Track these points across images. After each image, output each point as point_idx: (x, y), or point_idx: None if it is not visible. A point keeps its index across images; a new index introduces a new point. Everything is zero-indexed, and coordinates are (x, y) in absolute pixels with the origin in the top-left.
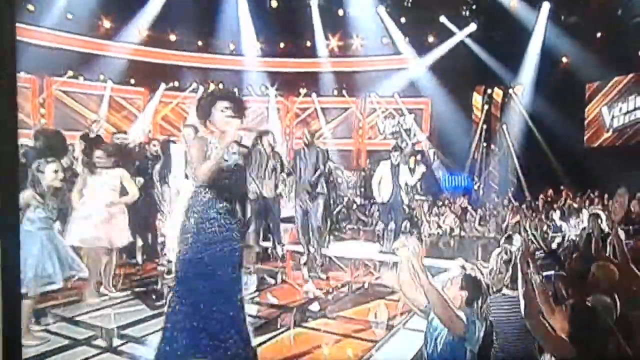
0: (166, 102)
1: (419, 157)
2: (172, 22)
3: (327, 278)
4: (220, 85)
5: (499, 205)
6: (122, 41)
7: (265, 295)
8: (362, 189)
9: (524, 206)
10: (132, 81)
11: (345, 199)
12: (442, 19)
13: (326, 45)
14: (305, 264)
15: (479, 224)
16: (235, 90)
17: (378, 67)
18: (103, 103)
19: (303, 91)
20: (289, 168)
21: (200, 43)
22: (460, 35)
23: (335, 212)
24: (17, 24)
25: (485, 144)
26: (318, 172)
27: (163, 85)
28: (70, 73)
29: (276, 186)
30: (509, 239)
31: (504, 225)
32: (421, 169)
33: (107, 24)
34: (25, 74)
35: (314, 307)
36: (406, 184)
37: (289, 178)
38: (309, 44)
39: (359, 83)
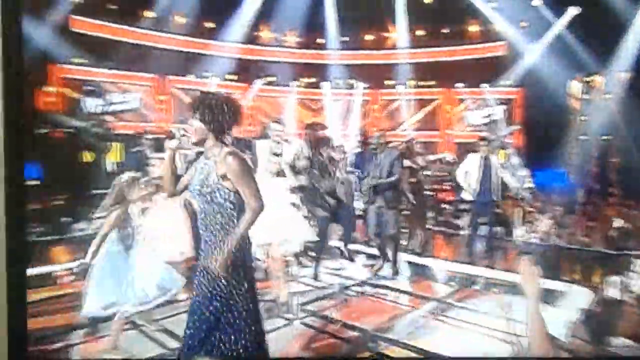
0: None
1: (509, 150)
2: (265, 19)
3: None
4: (312, 79)
5: (600, 210)
6: (222, 40)
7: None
8: (450, 184)
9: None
10: (235, 77)
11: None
12: (536, 2)
13: (412, 34)
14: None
15: (582, 235)
16: (324, 84)
17: (468, 56)
18: None
19: (388, 83)
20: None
21: (289, 38)
22: (563, 20)
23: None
24: (140, 30)
25: (583, 137)
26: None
27: (259, 81)
28: (182, 72)
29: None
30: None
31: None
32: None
33: (210, 24)
34: (147, 74)
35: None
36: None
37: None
38: (394, 34)
39: (446, 73)
